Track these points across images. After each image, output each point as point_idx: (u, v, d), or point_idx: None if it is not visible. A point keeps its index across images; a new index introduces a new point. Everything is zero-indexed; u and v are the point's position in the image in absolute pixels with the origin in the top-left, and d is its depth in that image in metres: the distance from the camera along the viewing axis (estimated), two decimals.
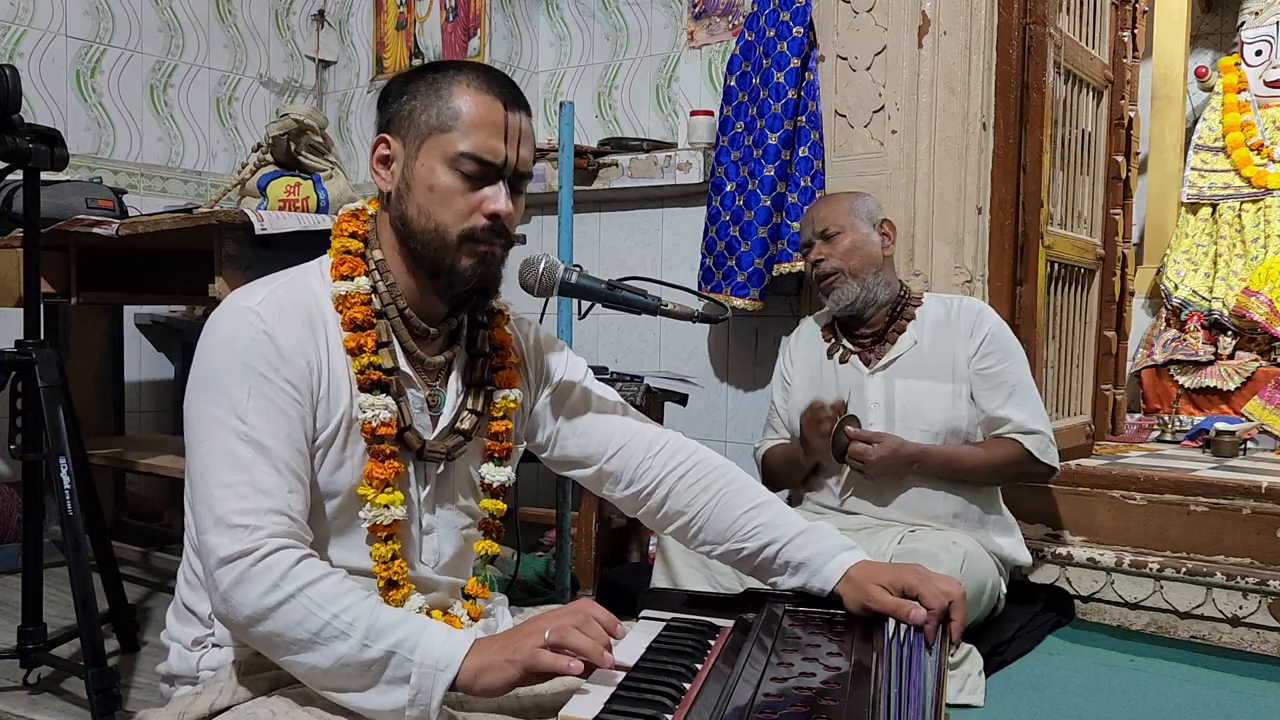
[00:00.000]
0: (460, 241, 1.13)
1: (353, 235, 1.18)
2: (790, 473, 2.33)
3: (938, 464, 2.16)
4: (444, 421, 1.21)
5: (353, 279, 1.15)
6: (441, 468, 1.22)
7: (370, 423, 1.12)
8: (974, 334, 2.22)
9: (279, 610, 0.98)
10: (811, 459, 2.23)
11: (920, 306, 2.28)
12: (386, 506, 1.13)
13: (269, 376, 1.07)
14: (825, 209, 2.30)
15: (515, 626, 1.03)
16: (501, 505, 1.27)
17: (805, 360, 2.38)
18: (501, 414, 1.25)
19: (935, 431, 2.19)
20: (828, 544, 1.21)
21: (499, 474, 1.26)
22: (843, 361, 2.28)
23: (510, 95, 1.15)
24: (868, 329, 2.28)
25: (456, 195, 1.12)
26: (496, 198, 1.13)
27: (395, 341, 1.17)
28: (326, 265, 1.18)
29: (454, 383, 1.23)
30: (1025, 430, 2.19)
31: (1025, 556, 2.33)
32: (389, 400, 1.14)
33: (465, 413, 1.22)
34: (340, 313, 1.14)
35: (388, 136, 1.16)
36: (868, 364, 2.26)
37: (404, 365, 1.18)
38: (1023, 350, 2.29)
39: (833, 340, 2.34)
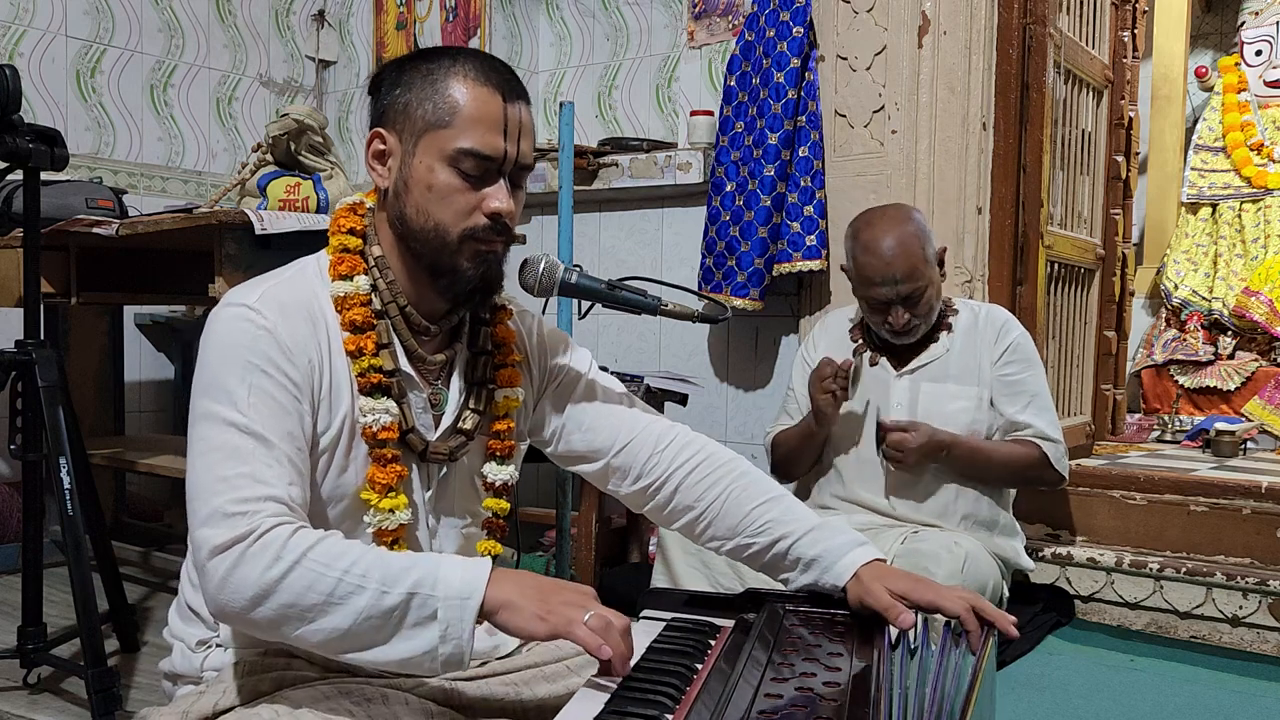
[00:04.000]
0: (461, 241, 1.10)
1: (350, 231, 1.16)
2: (800, 450, 2.32)
3: (965, 453, 2.16)
4: (446, 421, 1.19)
5: (352, 279, 1.13)
6: (444, 469, 1.20)
7: (371, 427, 1.10)
8: (999, 340, 2.22)
9: (286, 580, 0.96)
10: (823, 426, 2.22)
11: (955, 315, 2.26)
12: (391, 511, 1.11)
13: (269, 372, 1.05)
14: (906, 265, 2.09)
15: (552, 581, 1.01)
16: (505, 504, 1.25)
17: (830, 353, 2.33)
18: (504, 412, 1.23)
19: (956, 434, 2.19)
20: (840, 540, 1.19)
21: (502, 473, 1.24)
22: (872, 364, 2.27)
23: (509, 85, 1.10)
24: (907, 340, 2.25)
25: (456, 194, 1.09)
26: (497, 195, 1.09)
27: (396, 341, 1.15)
28: (325, 262, 1.16)
29: (456, 381, 1.21)
30: (1044, 437, 2.20)
31: (1027, 562, 2.33)
32: (390, 404, 1.12)
33: (468, 412, 1.20)
34: (340, 314, 1.12)
35: (383, 131, 1.13)
36: (896, 368, 2.25)
37: (405, 365, 1.16)
38: (1042, 364, 2.29)
39: (861, 341, 2.31)
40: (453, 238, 1.10)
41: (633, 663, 0.98)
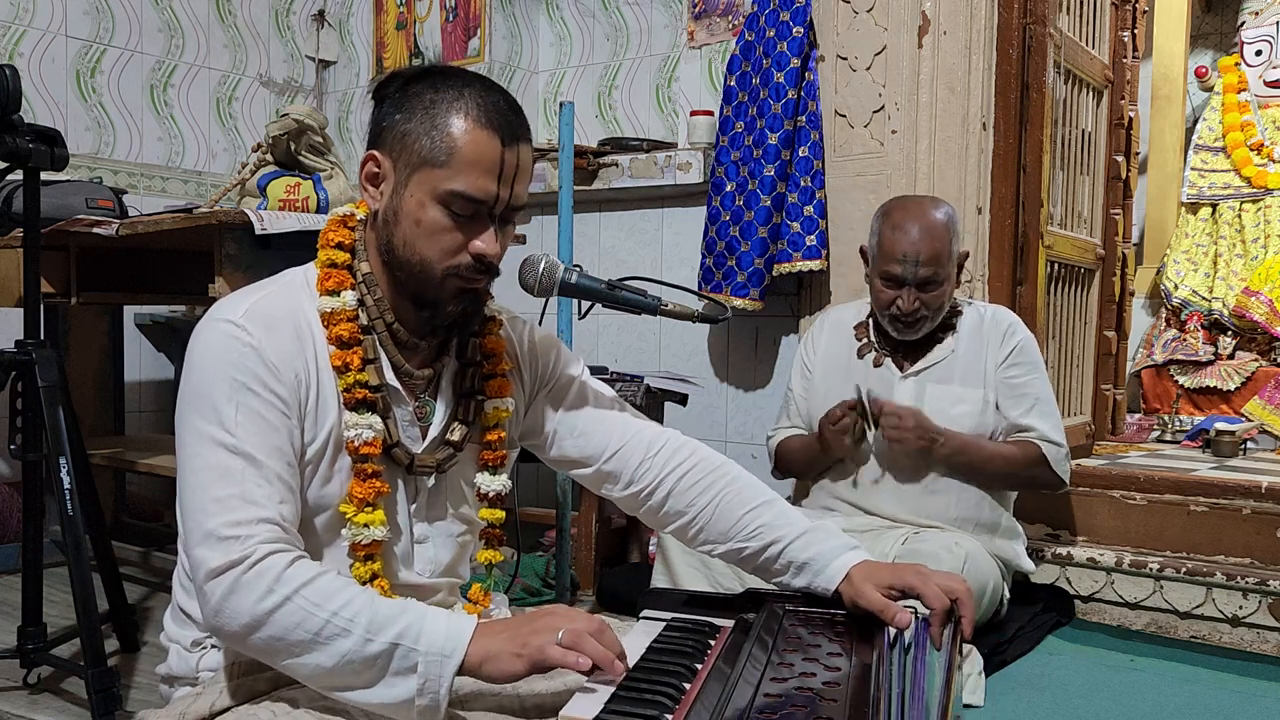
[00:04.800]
0: (444, 278, 1.11)
1: (339, 246, 1.16)
2: (807, 467, 2.33)
3: (959, 445, 2.14)
4: (433, 433, 1.20)
5: (339, 294, 1.13)
6: (433, 480, 1.21)
7: (354, 441, 1.11)
8: (1004, 343, 2.22)
9: (277, 614, 0.97)
10: (832, 456, 2.23)
11: (960, 317, 2.26)
12: (366, 526, 1.12)
13: (256, 390, 1.06)
14: (930, 249, 2.09)
15: (525, 615, 1.02)
16: (500, 514, 1.26)
17: (830, 353, 2.35)
18: (494, 423, 1.24)
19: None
20: (831, 544, 1.20)
21: (494, 483, 1.25)
22: (876, 365, 2.26)
23: (510, 129, 1.09)
24: (908, 341, 2.25)
25: (444, 233, 1.09)
26: (484, 238, 1.10)
27: (383, 356, 1.15)
28: (313, 275, 1.16)
29: (443, 394, 1.21)
30: (1046, 439, 2.19)
31: (1028, 564, 2.34)
32: (374, 419, 1.12)
33: (455, 424, 1.21)
34: (327, 328, 1.13)
35: (377, 154, 1.12)
36: (901, 368, 2.25)
37: (391, 380, 1.16)
38: (1046, 369, 2.29)
39: (865, 340, 2.30)
40: (436, 274, 1.11)
41: (632, 662, 0.98)
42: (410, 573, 1.20)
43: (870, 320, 2.32)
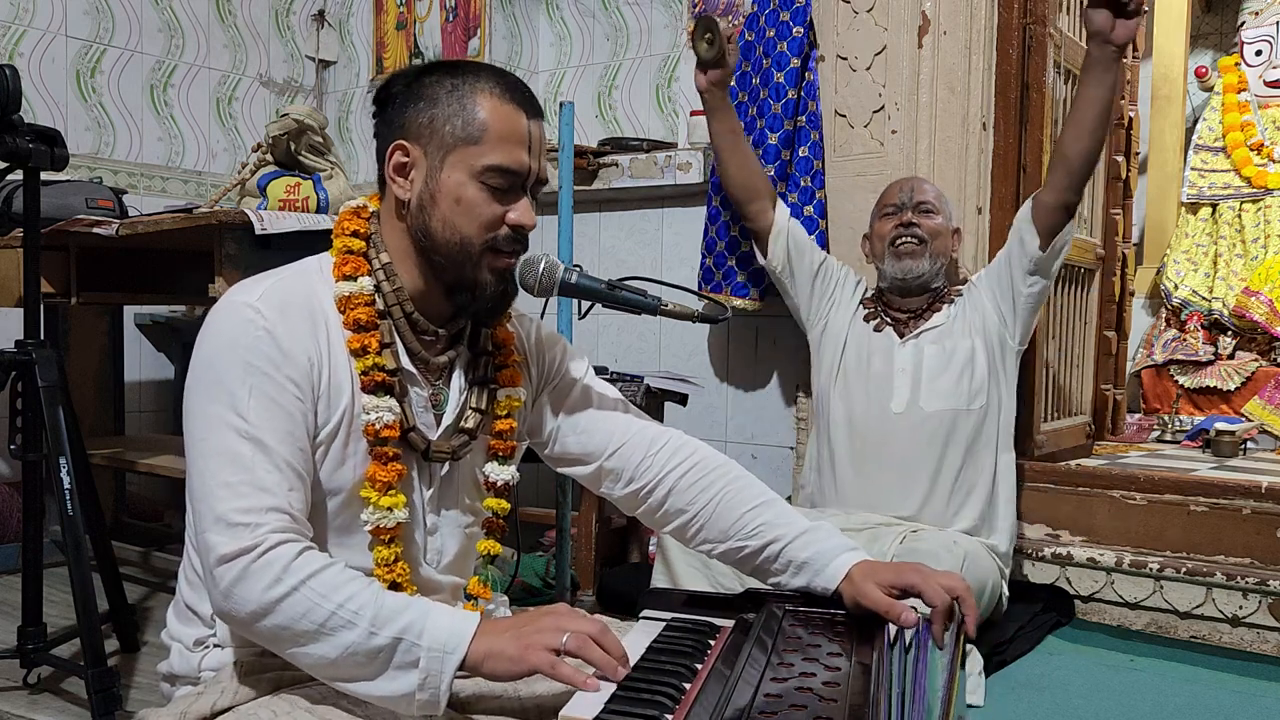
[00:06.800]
0: (482, 253, 1.14)
1: (354, 234, 1.18)
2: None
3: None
4: (447, 420, 1.21)
5: (356, 279, 1.15)
6: (446, 468, 1.21)
7: (374, 425, 1.12)
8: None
9: (283, 603, 0.98)
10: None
11: (959, 296, 2.38)
12: (390, 509, 1.13)
13: (270, 374, 1.06)
14: (923, 184, 2.39)
15: (527, 615, 1.02)
16: (505, 504, 1.27)
17: (850, 303, 2.49)
18: (505, 412, 1.25)
19: (957, 391, 2.28)
20: (831, 543, 1.20)
21: (503, 473, 1.25)
22: (877, 330, 2.37)
23: (530, 103, 1.15)
24: (909, 306, 2.37)
25: (483, 207, 1.13)
26: (520, 208, 1.14)
27: (399, 342, 1.17)
28: (328, 264, 1.17)
29: (457, 381, 1.22)
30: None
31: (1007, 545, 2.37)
32: (392, 402, 1.13)
33: (469, 411, 1.22)
34: (343, 313, 1.14)
35: (406, 144, 1.14)
36: (901, 336, 2.35)
37: (407, 365, 1.17)
38: None
39: (872, 309, 2.43)
40: (476, 249, 1.14)
41: (632, 662, 0.98)
42: (423, 563, 1.20)
43: (879, 294, 2.45)
